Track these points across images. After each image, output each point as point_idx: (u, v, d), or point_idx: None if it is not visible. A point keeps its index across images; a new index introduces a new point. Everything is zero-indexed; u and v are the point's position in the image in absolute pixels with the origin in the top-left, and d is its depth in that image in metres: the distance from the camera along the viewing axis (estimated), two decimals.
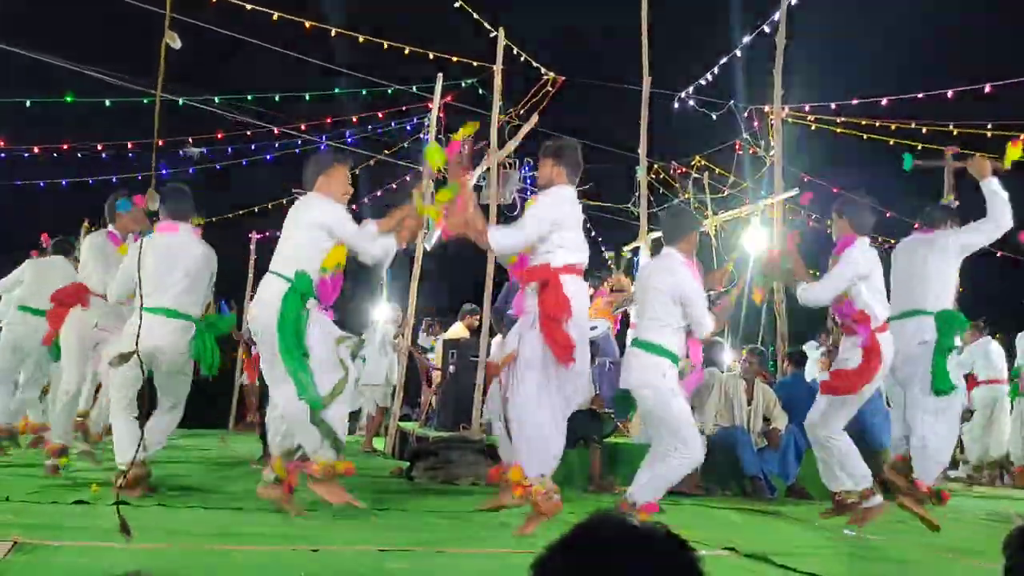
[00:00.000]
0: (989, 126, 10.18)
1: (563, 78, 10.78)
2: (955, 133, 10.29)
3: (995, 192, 5.23)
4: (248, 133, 11.77)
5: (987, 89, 9.35)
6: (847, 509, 5.33)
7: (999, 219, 5.23)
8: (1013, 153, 5.29)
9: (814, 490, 7.07)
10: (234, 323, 5.93)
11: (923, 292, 5.33)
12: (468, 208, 4.68)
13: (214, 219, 12.97)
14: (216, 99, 10.99)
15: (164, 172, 11.71)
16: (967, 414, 9.40)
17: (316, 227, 4.76)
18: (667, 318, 5.02)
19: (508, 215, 10.14)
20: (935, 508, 5.30)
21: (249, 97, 11.11)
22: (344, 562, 3.53)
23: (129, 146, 11.61)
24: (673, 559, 1.29)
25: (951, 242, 5.37)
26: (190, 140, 11.71)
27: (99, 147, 11.71)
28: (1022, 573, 2.10)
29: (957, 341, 5.43)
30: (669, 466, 4.91)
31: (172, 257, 5.34)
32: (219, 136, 11.75)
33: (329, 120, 12.08)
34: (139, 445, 4.86)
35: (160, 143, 10.99)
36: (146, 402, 5.42)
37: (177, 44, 3.10)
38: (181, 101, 10.49)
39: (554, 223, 4.64)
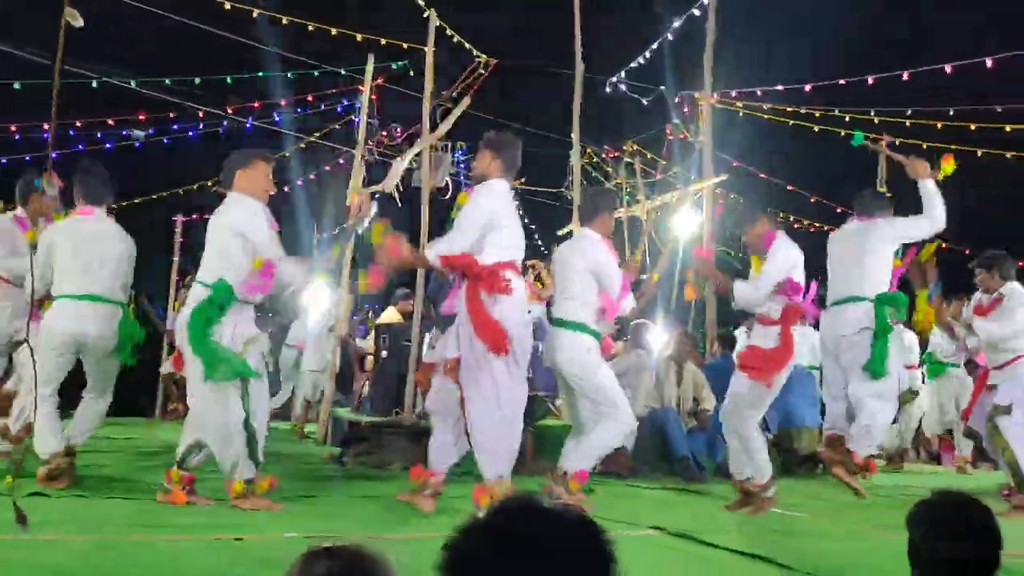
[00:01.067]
0: (908, 112, 10.50)
1: (496, 61, 10.73)
2: (876, 121, 10.58)
3: (933, 193, 5.41)
4: (171, 115, 11.46)
5: (905, 77, 9.63)
6: (751, 498, 5.45)
7: (938, 217, 5.42)
8: (947, 168, 5.50)
9: None
10: (142, 338, 5.74)
11: (860, 279, 5.46)
12: (401, 248, 4.64)
13: (138, 200, 12.66)
14: (132, 83, 10.66)
15: (80, 147, 11.35)
16: (909, 395, 9.57)
17: (235, 234, 4.61)
18: (586, 295, 5.10)
19: (440, 198, 10.10)
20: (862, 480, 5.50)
21: (167, 81, 10.81)
22: (268, 551, 3.48)
23: (45, 127, 11.21)
24: (585, 540, 1.30)
25: (888, 232, 5.52)
26: (111, 122, 11.34)
27: (12, 128, 11.30)
28: (923, 546, 2.19)
29: (893, 322, 5.58)
30: (602, 434, 4.99)
31: (93, 243, 5.20)
32: (141, 117, 11.39)
33: (257, 105, 11.84)
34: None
35: (77, 124, 10.65)
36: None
37: (79, 23, 3.00)
38: (95, 82, 10.16)
39: (488, 222, 4.62)
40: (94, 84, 10.21)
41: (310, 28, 10.30)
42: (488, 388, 4.53)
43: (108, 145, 11.53)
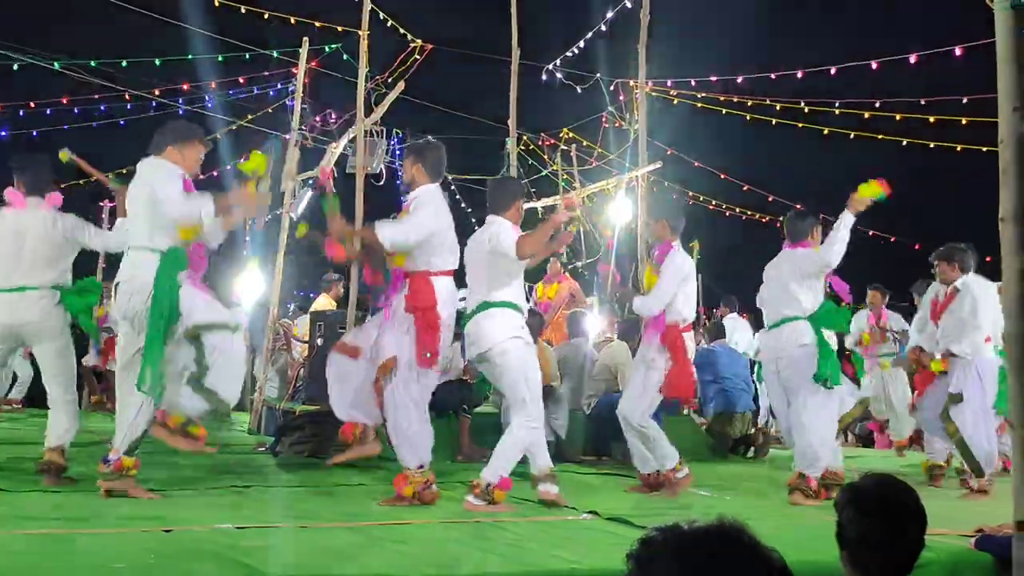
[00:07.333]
0: (837, 104, 10.76)
1: (431, 46, 10.64)
2: (806, 111, 10.80)
3: (843, 228, 5.36)
4: (96, 96, 11.10)
5: (833, 71, 9.90)
6: (655, 486, 5.56)
7: (829, 257, 5.43)
8: (872, 190, 5.38)
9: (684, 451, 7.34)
10: (100, 291, 5.66)
11: (794, 302, 5.55)
12: (339, 223, 4.83)
13: (62, 186, 12.25)
14: (56, 64, 10.30)
15: (3, 135, 11.01)
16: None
17: (156, 200, 4.47)
18: (507, 274, 4.97)
19: (375, 184, 10.00)
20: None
21: (92, 63, 10.46)
22: (198, 542, 3.41)
23: None
24: None
25: (806, 268, 5.57)
26: (32, 105, 10.95)
27: None
28: (851, 527, 2.25)
29: (831, 339, 5.64)
30: (515, 437, 4.85)
31: (19, 235, 5.13)
32: (64, 101, 11.00)
33: (187, 87, 11.53)
34: None
35: None
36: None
37: None
38: (16, 66, 9.80)
39: (433, 231, 4.72)
40: (15, 67, 9.84)
41: (242, 10, 10.07)
42: (416, 391, 4.71)
43: (34, 133, 11.19)
